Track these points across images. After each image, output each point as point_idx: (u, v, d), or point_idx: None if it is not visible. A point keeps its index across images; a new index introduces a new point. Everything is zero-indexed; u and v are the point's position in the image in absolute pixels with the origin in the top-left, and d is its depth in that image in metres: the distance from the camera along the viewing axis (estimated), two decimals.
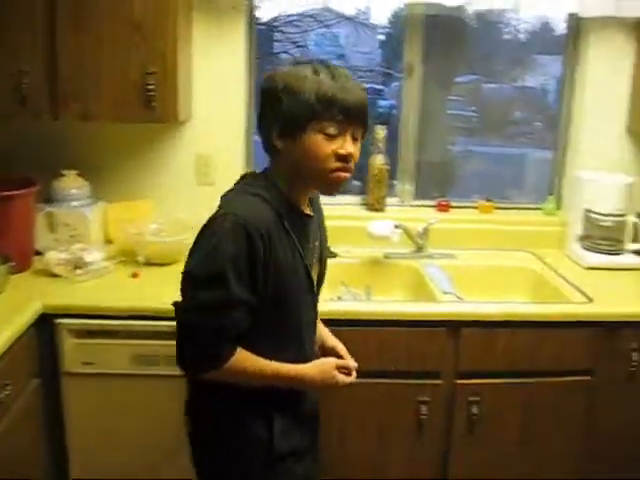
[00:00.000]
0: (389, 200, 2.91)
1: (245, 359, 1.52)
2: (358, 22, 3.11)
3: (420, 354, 2.19)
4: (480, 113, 3.27)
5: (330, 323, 1.88)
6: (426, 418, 2.24)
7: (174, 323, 1.53)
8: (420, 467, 2.31)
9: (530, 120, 3.26)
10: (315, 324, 1.74)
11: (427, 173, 3.05)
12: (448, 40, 2.99)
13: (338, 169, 1.50)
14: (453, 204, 2.97)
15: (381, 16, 3.02)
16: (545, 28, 3.03)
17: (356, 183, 3.00)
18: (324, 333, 1.82)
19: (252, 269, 1.45)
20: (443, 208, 2.92)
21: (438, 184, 3.08)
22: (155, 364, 2.12)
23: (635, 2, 2.63)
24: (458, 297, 2.37)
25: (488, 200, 2.97)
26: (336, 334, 1.83)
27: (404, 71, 2.89)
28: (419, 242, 2.77)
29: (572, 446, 2.34)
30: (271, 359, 1.54)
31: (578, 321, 2.23)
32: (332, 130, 1.47)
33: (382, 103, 3.35)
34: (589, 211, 2.71)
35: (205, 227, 1.49)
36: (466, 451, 2.30)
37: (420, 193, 3.02)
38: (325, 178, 1.51)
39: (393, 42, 3.06)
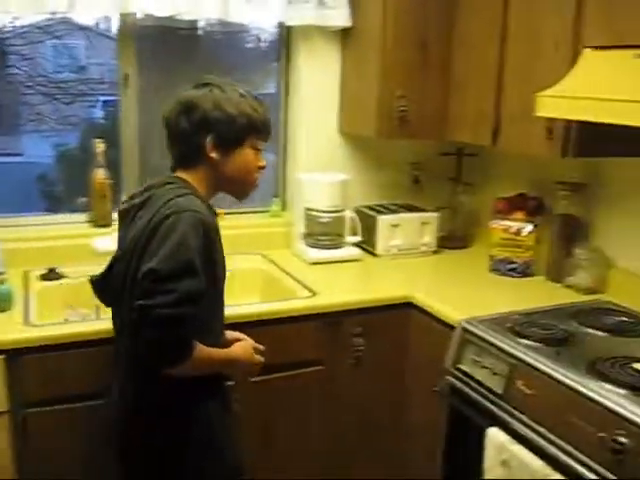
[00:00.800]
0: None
1: (201, 348, 1.58)
2: (93, 33, 2.96)
3: None
4: None
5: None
6: None
7: None
8: None
9: None
10: None
11: None
12: (180, 51, 2.96)
13: (256, 179, 1.77)
14: None
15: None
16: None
17: (82, 200, 2.84)
18: None
19: (207, 261, 1.56)
20: None
21: None
22: None
23: (333, 11, 2.82)
24: None
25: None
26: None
27: (119, 82, 2.81)
28: None
29: (314, 438, 2.45)
30: None
31: (304, 315, 2.33)
32: (260, 146, 1.73)
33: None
34: (309, 209, 2.86)
35: (159, 225, 1.54)
36: None
37: None
38: (249, 187, 1.78)
39: None
